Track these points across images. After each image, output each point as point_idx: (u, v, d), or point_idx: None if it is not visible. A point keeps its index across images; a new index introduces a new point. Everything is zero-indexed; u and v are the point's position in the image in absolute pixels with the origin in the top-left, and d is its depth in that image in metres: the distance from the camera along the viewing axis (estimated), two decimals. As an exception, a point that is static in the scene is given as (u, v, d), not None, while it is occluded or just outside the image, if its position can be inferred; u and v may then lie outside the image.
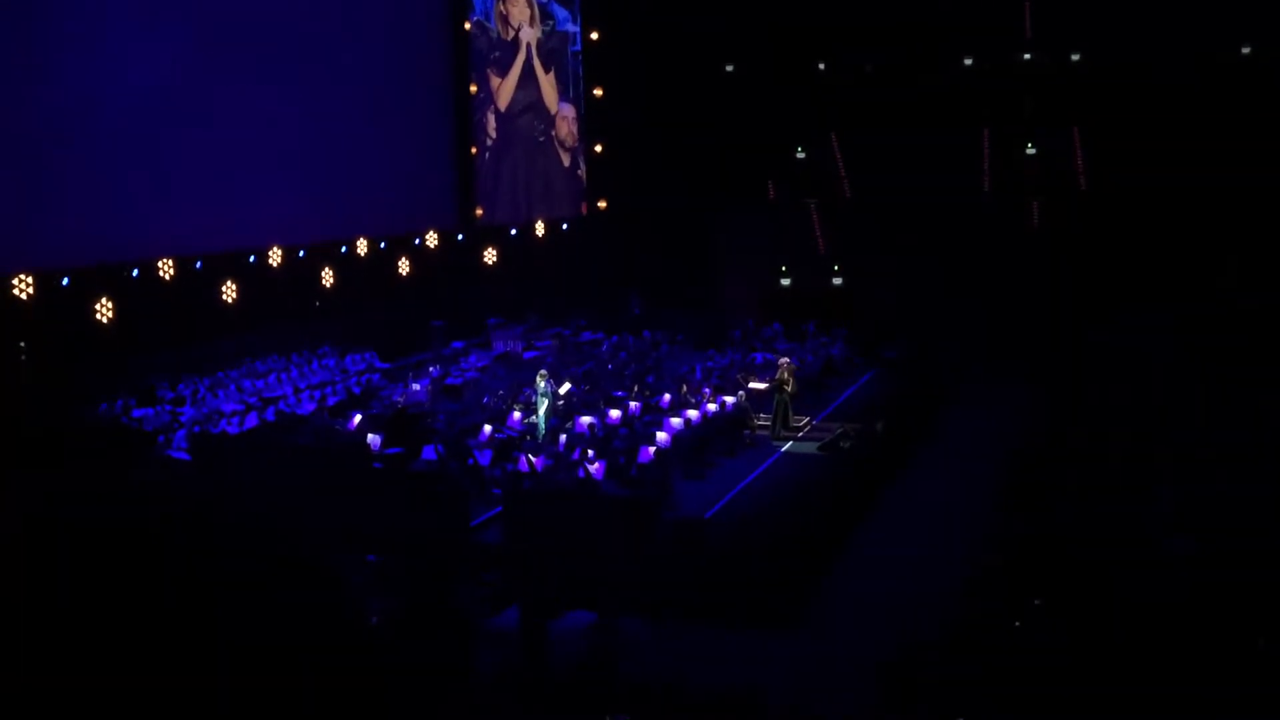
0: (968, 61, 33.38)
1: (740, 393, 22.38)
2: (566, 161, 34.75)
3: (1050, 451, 19.30)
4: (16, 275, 21.04)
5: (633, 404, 21.72)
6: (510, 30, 32.75)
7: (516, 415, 21.26)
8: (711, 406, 21.49)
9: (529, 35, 33.19)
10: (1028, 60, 33.15)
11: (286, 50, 25.99)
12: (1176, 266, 28.03)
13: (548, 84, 33.91)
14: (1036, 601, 12.46)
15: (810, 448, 21.24)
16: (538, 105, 33.71)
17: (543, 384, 20.96)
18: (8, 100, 20.45)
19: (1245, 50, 30.46)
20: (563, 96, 34.36)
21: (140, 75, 22.80)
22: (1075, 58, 32.45)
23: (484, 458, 19.05)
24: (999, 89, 32.82)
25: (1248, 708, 9.87)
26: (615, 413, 21.10)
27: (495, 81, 32.38)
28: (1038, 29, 32.96)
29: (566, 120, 34.53)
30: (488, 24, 32.07)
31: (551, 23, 33.93)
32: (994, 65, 33.26)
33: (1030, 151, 32.36)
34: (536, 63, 33.48)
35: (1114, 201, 30.14)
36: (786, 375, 22.27)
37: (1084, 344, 26.87)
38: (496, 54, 32.34)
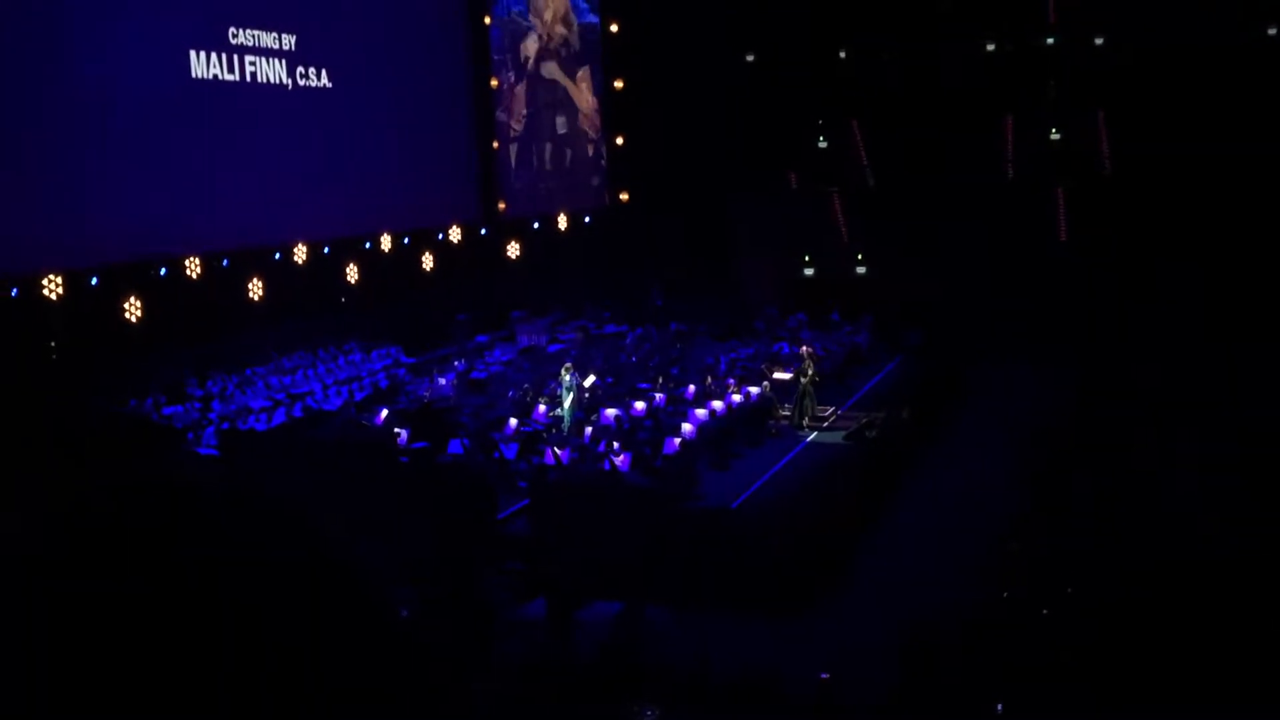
0: (990, 46, 33.18)
1: (764, 383, 22.38)
2: (589, 154, 34.80)
3: (1074, 438, 19.20)
4: (46, 275, 21.25)
5: (657, 395, 21.76)
6: (532, 22, 32.80)
7: (542, 408, 21.33)
8: (736, 397, 21.50)
9: (550, 28, 33.23)
10: (1051, 44, 32.91)
11: (310, 46, 26.13)
12: (1203, 249, 27.77)
13: (569, 77, 33.95)
14: (1069, 589, 12.43)
15: (836, 437, 21.23)
16: (559, 98, 33.75)
17: (568, 377, 21.03)
18: (33, 100, 20.64)
19: (1271, 31, 30.14)
20: (584, 89, 34.39)
21: (163, 72, 22.98)
22: (1099, 41, 32.20)
23: (510, 450, 19.15)
24: (1022, 73, 32.60)
25: (1269, 693, 9.83)
26: (640, 404, 21.14)
27: (517, 75, 32.44)
28: (1061, 12, 32.72)
29: (588, 113, 34.56)
30: (509, 17, 32.12)
31: (573, 15, 33.96)
32: (1017, 49, 33.03)
33: (1054, 136, 32.14)
34: (558, 55, 33.53)
35: (1139, 186, 29.90)
36: (807, 364, 22.26)
37: (1108, 328, 26.72)
38: (518, 47, 32.39)
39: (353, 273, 28.07)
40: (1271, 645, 10.67)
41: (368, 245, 28.40)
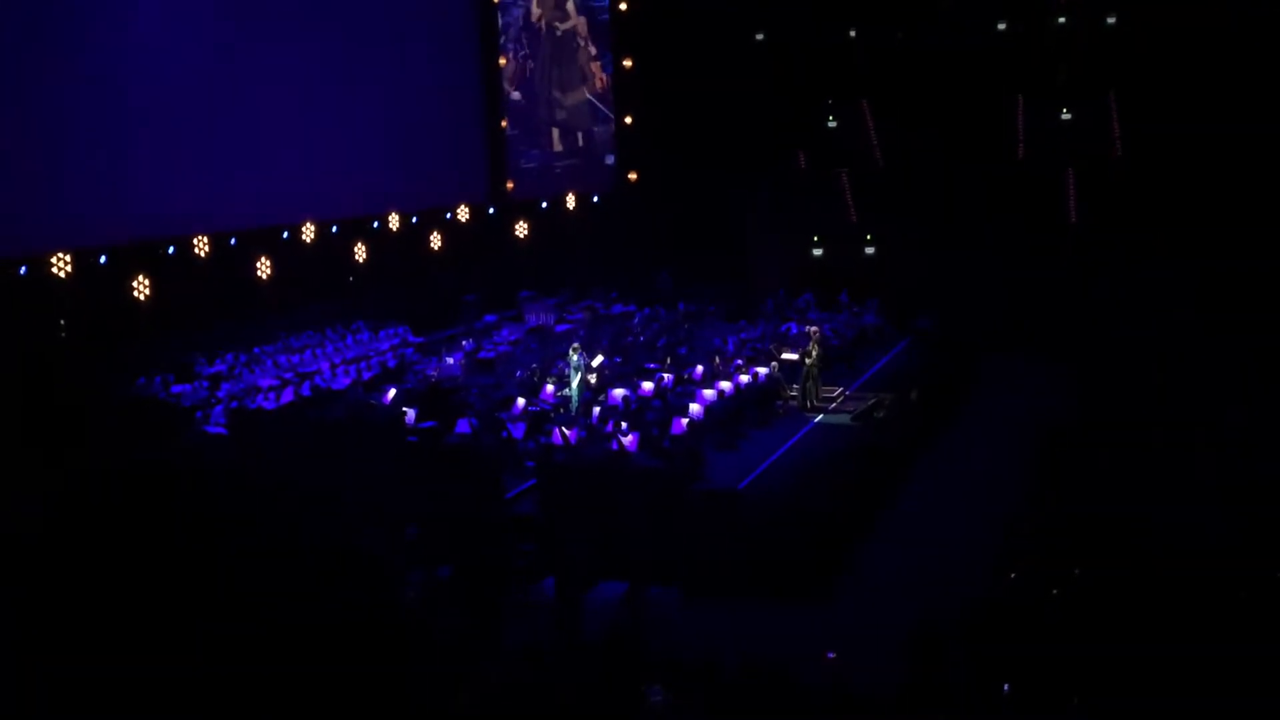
0: (1001, 26, 33.00)
1: (772, 364, 22.33)
2: (597, 134, 34.69)
3: (1083, 426, 19.15)
4: (54, 254, 21.28)
5: (665, 376, 21.74)
6: (540, 3, 32.68)
7: (549, 388, 21.34)
8: (744, 378, 21.46)
9: (558, 8, 33.10)
10: (1062, 24, 32.73)
11: (318, 26, 26.07)
12: (1215, 235, 27.60)
13: (578, 56, 33.83)
14: (1076, 571, 12.41)
15: (844, 418, 21.19)
16: (568, 77, 33.65)
17: (575, 357, 21.04)
18: (42, 80, 20.63)
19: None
20: (593, 68, 34.27)
21: (172, 52, 22.95)
22: (1111, 21, 32.01)
23: (517, 430, 19.16)
24: (1033, 53, 32.44)
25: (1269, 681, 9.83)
26: (648, 385, 21.12)
27: (525, 55, 32.34)
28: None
29: (596, 92, 34.44)
30: (517, -4, 32.04)
31: (580, -6, 33.86)
32: (1028, 29, 32.85)
33: (1065, 117, 31.98)
34: (566, 35, 33.40)
35: (1150, 168, 29.74)
36: (812, 345, 22.23)
37: (1118, 315, 26.61)
38: (528, 27, 32.28)
39: (361, 252, 28.07)
40: (1272, 634, 10.67)
41: (376, 225, 28.41)
